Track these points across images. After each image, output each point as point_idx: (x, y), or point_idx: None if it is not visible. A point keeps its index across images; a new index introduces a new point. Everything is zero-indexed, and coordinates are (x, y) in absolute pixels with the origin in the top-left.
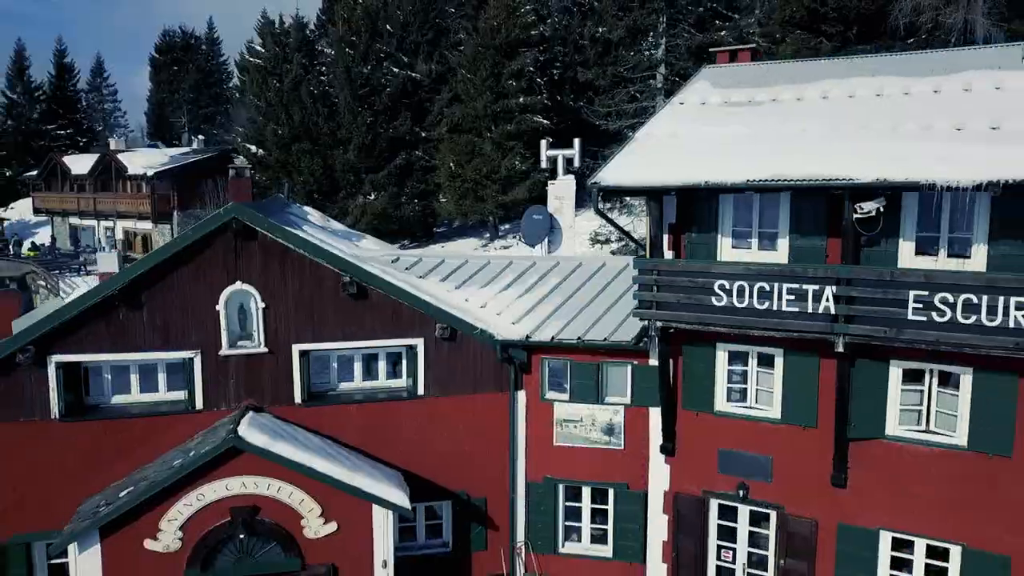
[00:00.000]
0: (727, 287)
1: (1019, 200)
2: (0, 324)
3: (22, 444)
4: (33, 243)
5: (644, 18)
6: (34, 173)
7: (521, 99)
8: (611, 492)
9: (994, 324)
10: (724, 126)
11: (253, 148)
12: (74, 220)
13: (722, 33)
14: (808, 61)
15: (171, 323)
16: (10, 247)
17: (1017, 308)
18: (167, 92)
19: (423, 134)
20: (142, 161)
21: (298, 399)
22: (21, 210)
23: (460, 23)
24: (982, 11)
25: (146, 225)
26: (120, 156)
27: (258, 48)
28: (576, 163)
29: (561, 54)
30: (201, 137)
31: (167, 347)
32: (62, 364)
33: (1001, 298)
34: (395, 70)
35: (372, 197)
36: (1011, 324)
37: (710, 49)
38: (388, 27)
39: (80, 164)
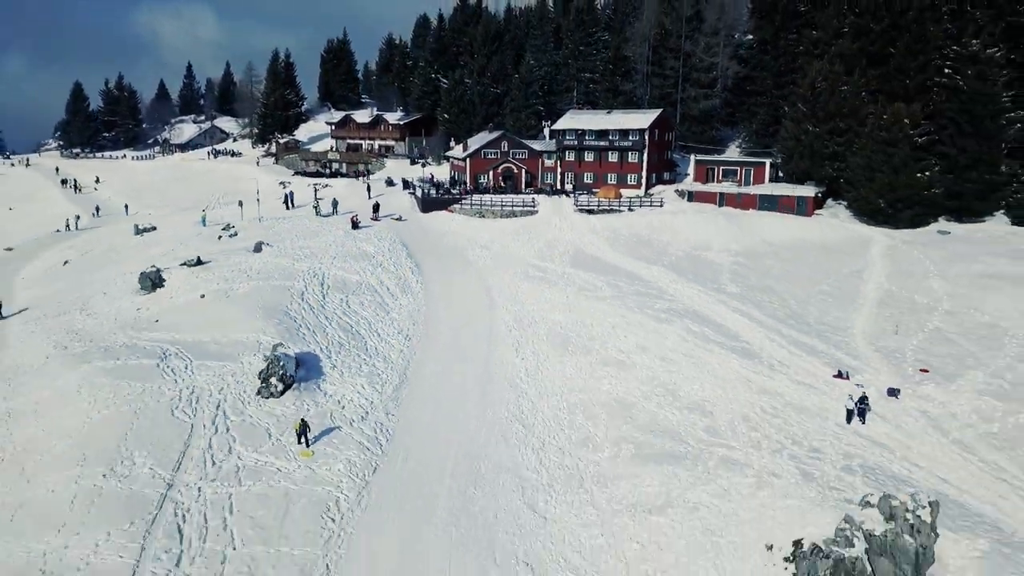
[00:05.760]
0: (570, 141)
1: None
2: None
3: (476, 160)
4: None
5: (569, 81)
6: (336, 119)
7: (533, 100)
8: None
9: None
10: (570, 120)
11: (446, 116)
12: (350, 141)
13: (601, 86)
14: (595, 110)
15: (492, 148)
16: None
17: (622, 140)
18: (332, 76)
19: (500, 111)
20: (392, 118)
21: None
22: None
23: (510, 70)
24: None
25: (391, 143)
26: (384, 115)
27: (443, 80)
28: (550, 124)
29: (548, 80)
30: (401, 109)
31: (497, 150)
32: (480, 152)
33: (618, 136)
34: (491, 88)
35: None
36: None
37: (577, 104)
38: (488, 73)
39: (361, 116)
